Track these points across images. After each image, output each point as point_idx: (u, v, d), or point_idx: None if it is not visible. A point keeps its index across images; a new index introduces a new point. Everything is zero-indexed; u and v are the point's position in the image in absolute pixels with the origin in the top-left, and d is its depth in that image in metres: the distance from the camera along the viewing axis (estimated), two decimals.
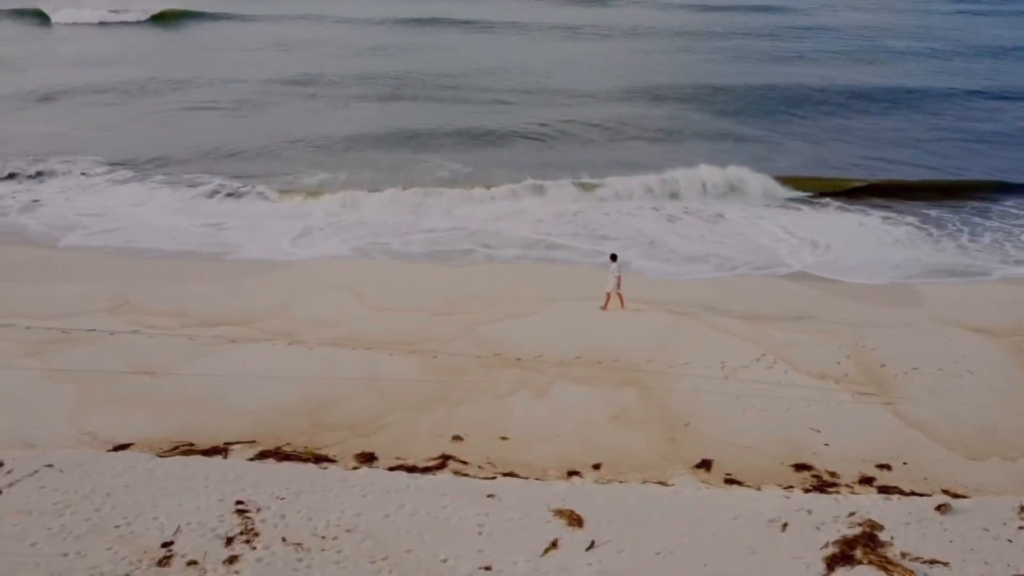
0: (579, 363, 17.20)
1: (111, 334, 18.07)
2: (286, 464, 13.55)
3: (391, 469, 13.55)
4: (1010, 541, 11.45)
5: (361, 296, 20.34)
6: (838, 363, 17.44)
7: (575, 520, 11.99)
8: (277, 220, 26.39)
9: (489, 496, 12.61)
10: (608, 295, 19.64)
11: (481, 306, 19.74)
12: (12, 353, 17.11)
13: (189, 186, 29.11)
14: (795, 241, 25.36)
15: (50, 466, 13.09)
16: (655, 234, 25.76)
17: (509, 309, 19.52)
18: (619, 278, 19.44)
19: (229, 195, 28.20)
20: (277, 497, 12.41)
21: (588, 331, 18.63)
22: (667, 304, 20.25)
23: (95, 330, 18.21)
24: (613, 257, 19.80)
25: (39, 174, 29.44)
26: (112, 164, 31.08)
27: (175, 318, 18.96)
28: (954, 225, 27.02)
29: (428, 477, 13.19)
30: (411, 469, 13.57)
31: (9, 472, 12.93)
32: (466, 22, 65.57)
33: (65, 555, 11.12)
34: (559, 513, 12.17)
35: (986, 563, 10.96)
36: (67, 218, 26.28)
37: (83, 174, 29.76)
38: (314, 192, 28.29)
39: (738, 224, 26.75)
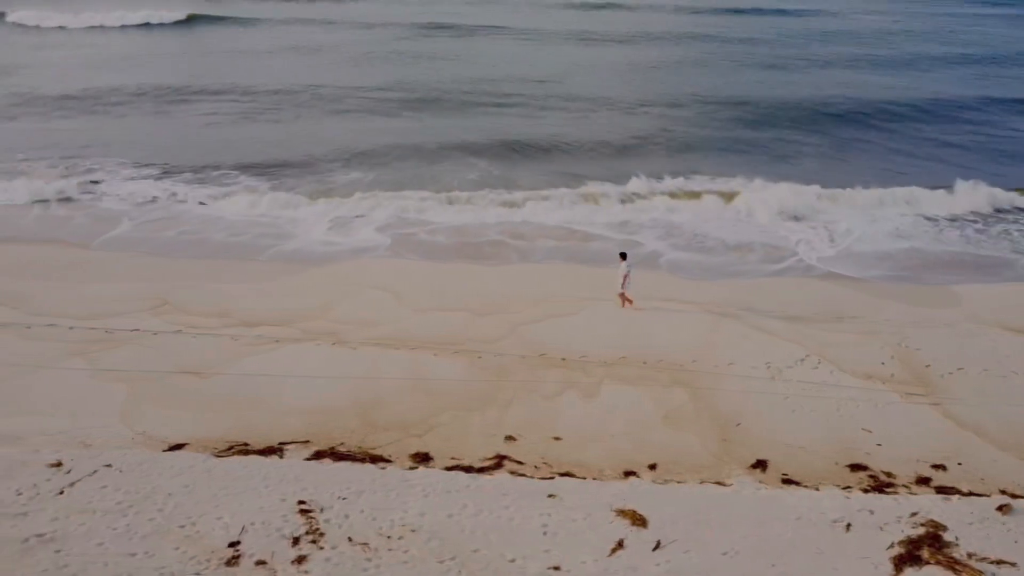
0: (624, 363, 17.19)
1: (154, 334, 18.08)
2: (343, 464, 13.55)
3: (448, 469, 13.54)
4: None
5: (399, 296, 20.33)
6: (882, 363, 17.41)
7: (639, 520, 11.98)
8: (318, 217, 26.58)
9: (550, 496, 12.60)
10: (622, 293, 19.64)
11: (522, 306, 19.73)
12: (58, 353, 17.13)
13: (220, 185, 29.14)
14: None
15: (109, 466, 13.11)
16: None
17: (549, 309, 19.52)
18: (626, 277, 19.34)
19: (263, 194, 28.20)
20: (339, 497, 12.42)
21: (629, 331, 18.62)
22: (705, 304, 20.22)
23: (138, 330, 18.23)
24: (623, 256, 19.76)
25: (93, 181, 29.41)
26: (143, 165, 31.12)
27: (216, 318, 18.96)
28: None
29: (487, 477, 13.18)
30: (467, 469, 13.56)
31: (68, 472, 12.94)
32: (482, 27, 65.47)
33: (133, 555, 11.13)
34: (622, 513, 12.16)
35: None
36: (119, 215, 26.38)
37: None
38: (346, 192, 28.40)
39: None
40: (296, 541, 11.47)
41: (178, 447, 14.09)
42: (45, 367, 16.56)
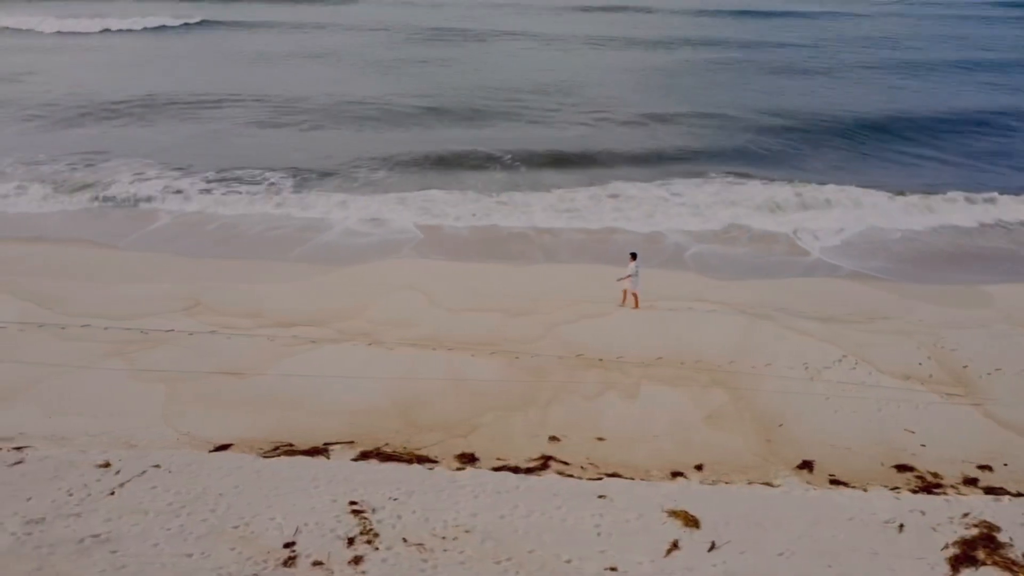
0: (662, 364, 17.17)
1: (190, 334, 18.09)
2: (390, 465, 13.55)
3: (495, 470, 13.54)
4: None
5: (430, 297, 20.33)
6: (919, 364, 17.39)
7: (691, 521, 11.97)
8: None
9: (600, 497, 12.59)
10: (635, 295, 19.73)
11: (554, 307, 19.72)
12: (96, 353, 17.15)
13: (245, 184, 29.18)
14: None
15: (157, 466, 13.13)
16: None
17: (582, 310, 19.52)
18: (630, 277, 19.43)
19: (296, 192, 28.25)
20: (390, 498, 12.42)
21: (664, 332, 18.60)
22: (736, 304, 20.21)
23: (173, 330, 18.24)
24: (633, 256, 19.78)
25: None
26: (166, 167, 31.20)
27: (250, 318, 18.97)
28: None
29: (535, 478, 13.18)
30: (515, 470, 13.56)
31: (117, 473, 12.96)
32: (495, 32, 65.25)
33: (189, 556, 11.14)
34: (674, 514, 12.15)
35: None
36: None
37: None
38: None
39: None
40: (351, 542, 11.47)
41: (224, 448, 14.09)
42: (85, 367, 16.55)
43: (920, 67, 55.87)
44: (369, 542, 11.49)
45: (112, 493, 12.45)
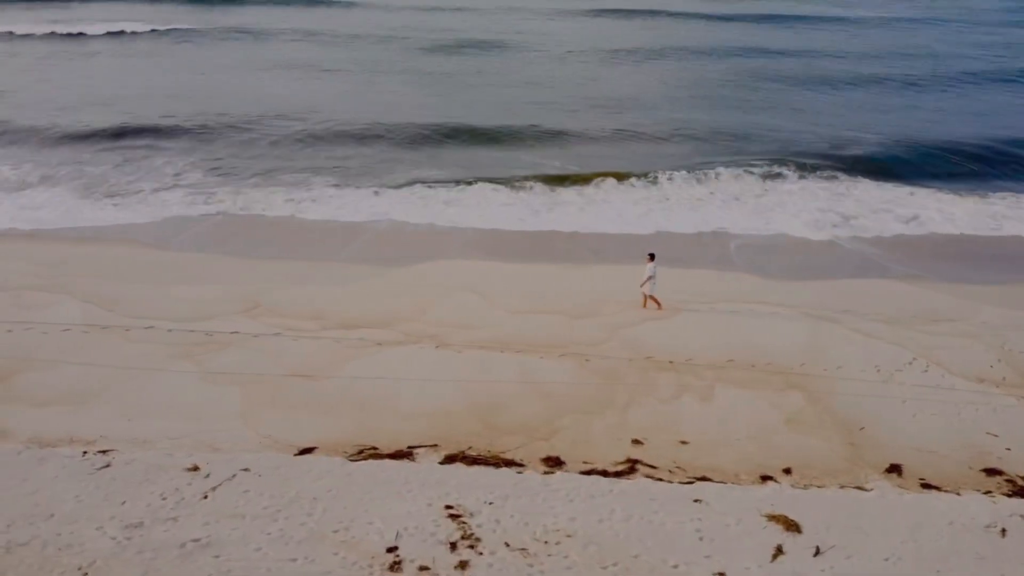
0: (733, 367, 17.09)
1: (255, 336, 18.03)
2: (477, 468, 13.48)
3: (583, 473, 13.46)
4: None
5: (489, 298, 20.26)
6: (991, 366, 17.31)
7: (792, 526, 11.89)
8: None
9: (696, 501, 12.52)
10: (653, 296, 19.64)
11: (615, 309, 19.63)
12: (164, 356, 17.10)
13: (290, 187, 29.15)
14: None
15: (247, 470, 13.07)
16: None
17: (645, 313, 19.41)
18: (651, 278, 19.32)
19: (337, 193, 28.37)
20: (485, 502, 12.35)
21: (728, 334, 18.51)
22: (798, 306, 20.12)
23: (238, 332, 18.18)
24: (651, 256, 19.68)
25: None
26: (211, 168, 31.14)
27: (312, 320, 18.90)
28: None
29: (626, 482, 13.10)
30: (602, 473, 13.48)
31: (208, 476, 12.90)
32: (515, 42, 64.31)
33: (294, 560, 11.08)
34: (773, 518, 12.08)
35: None
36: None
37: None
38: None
39: None
40: (454, 546, 11.41)
41: (308, 451, 14.03)
42: (156, 370, 16.49)
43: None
44: (472, 547, 11.43)
45: (205, 497, 12.40)
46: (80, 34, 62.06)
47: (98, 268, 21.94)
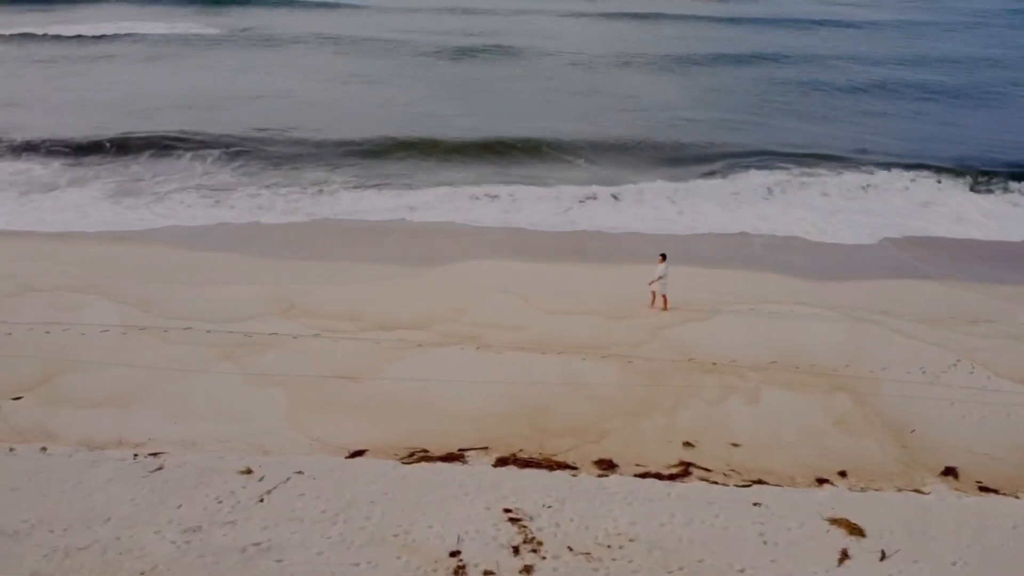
0: (776, 368, 16.99)
1: (294, 338, 17.94)
2: (530, 471, 13.39)
3: (638, 476, 13.37)
4: None
5: (525, 299, 20.16)
6: None
7: (855, 530, 11.80)
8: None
9: (755, 504, 12.43)
10: (664, 296, 19.58)
11: (656, 310, 19.50)
12: (206, 357, 17.01)
13: (312, 186, 29.04)
14: None
15: (300, 473, 12.99)
16: None
17: (685, 314, 19.29)
18: (661, 279, 19.28)
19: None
20: (543, 505, 12.27)
21: (768, 336, 18.41)
22: (835, 307, 20.02)
23: (276, 334, 18.08)
24: (663, 257, 19.61)
25: None
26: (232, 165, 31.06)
27: (349, 321, 18.80)
28: None
29: (683, 485, 13.02)
30: (657, 476, 13.39)
31: (261, 479, 12.82)
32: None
33: (356, 564, 11.01)
34: (835, 522, 11.99)
35: None
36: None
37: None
38: None
39: None
40: (516, 550, 11.32)
41: (359, 453, 13.94)
42: (199, 371, 16.40)
43: None
44: (534, 551, 11.34)
45: (261, 500, 12.32)
46: (102, 36, 61.67)
47: (128, 268, 21.84)
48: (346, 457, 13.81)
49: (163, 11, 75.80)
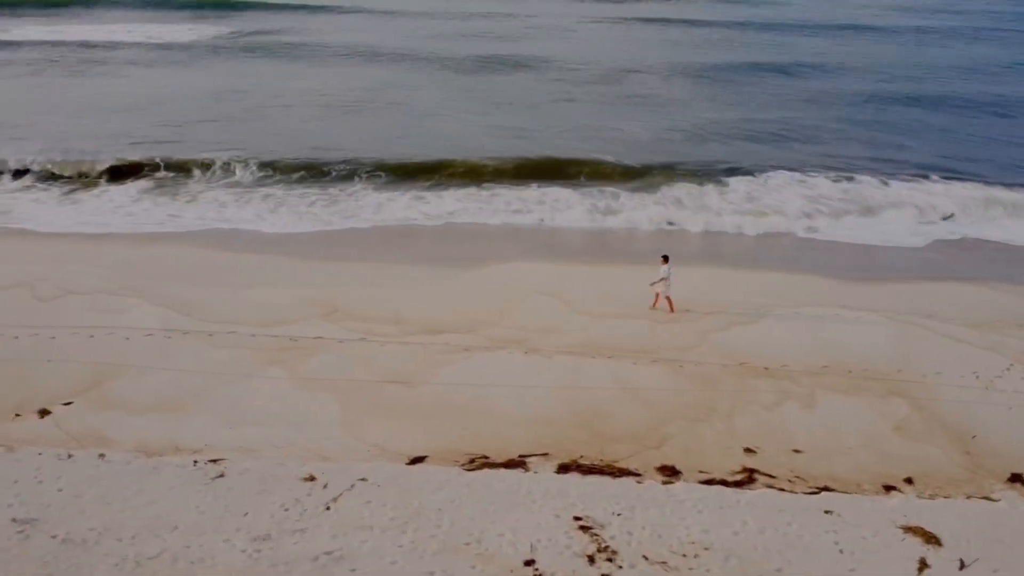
0: (829, 372, 16.86)
1: (340, 342, 17.81)
2: (594, 478, 13.26)
3: (703, 483, 13.24)
4: None
5: (568, 302, 20.04)
6: None
7: (932, 538, 11.67)
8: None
9: (826, 512, 12.29)
10: (668, 298, 19.52)
11: (700, 314, 19.37)
12: (253, 361, 16.89)
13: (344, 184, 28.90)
14: None
15: (364, 480, 12.88)
16: None
17: (731, 317, 19.16)
18: (664, 280, 19.21)
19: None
20: (613, 513, 12.14)
21: (816, 339, 18.29)
22: (880, 310, 19.88)
23: (321, 338, 17.95)
24: (665, 258, 19.51)
25: None
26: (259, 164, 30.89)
27: (393, 325, 18.67)
28: None
29: (752, 492, 12.88)
30: (722, 483, 13.26)
31: (326, 487, 12.70)
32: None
33: (431, 573, 10.91)
34: (909, 530, 11.86)
35: None
36: None
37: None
38: None
39: None
40: (592, 559, 11.20)
41: (419, 460, 13.81)
42: (248, 376, 16.28)
43: None
44: (610, 560, 11.22)
45: (328, 508, 12.20)
46: (138, 43, 61.43)
47: (165, 271, 21.73)
48: (407, 463, 13.69)
49: (168, 15, 75.68)
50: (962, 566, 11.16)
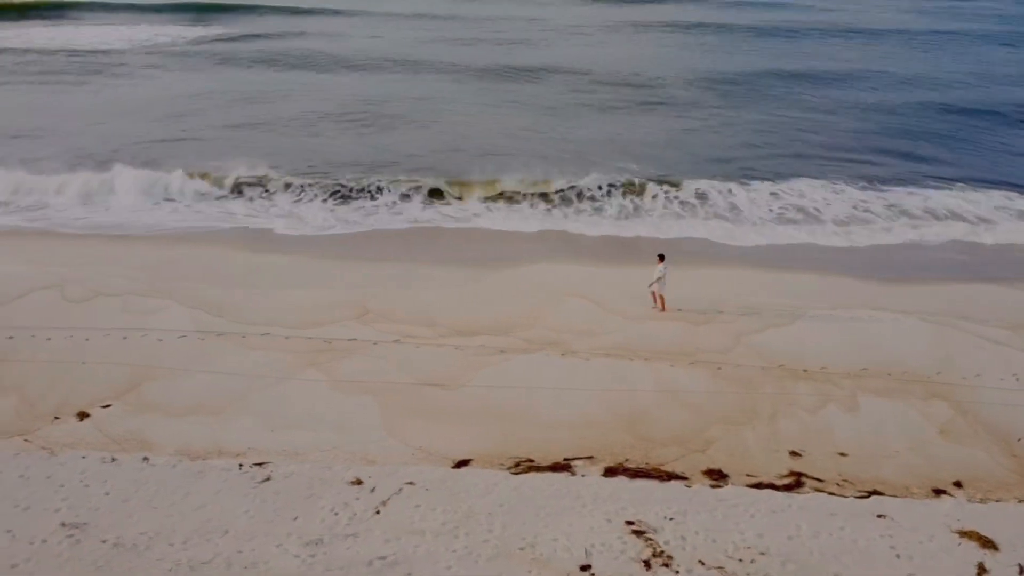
0: (868, 375, 16.76)
1: (374, 344, 17.74)
2: (643, 482, 13.19)
3: (752, 487, 13.15)
4: None
5: (600, 304, 19.94)
6: None
7: (988, 543, 11.59)
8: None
9: (879, 516, 12.21)
10: (661, 297, 19.54)
11: (734, 315, 19.27)
12: (289, 363, 16.82)
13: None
14: None
15: (411, 484, 12.82)
16: None
17: (766, 319, 19.06)
18: (660, 280, 19.24)
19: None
20: (665, 517, 12.06)
21: (853, 341, 18.19)
22: (912, 312, 19.77)
23: (356, 340, 17.88)
24: (661, 258, 19.56)
25: None
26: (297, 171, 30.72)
27: (427, 327, 18.59)
28: None
29: (804, 496, 12.81)
30: (771, 487, 13.17)
31: (373, 491, 12.64)
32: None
33: None
34: (965, 534, 11.77)
35: None
36: None
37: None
38: None
39: None
40: (647, 565, 11.12)
41: (464, 463, 13.73)
42: (286, 378, 16.21)
43: None
44: (666, 565, 11.14)
45: (377, 512, 12.14)
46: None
47: (193, 271, 21.68)
48: (452, 467, 13.61)
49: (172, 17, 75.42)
50: (1021, 571, 11.07)
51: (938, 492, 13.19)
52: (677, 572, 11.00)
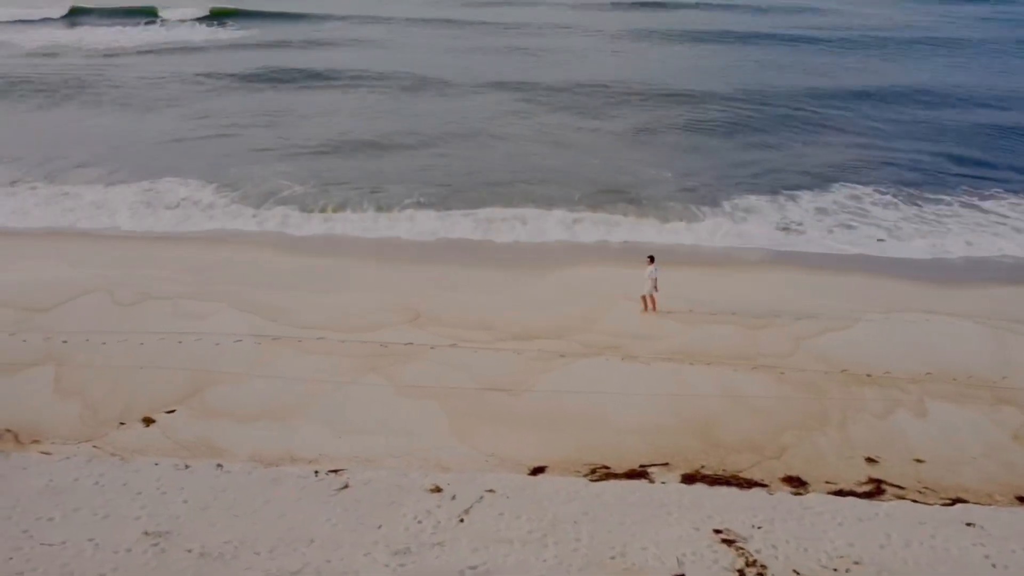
0: (933, 380, 16.62)
1: (431, 348, 17.61)
2: (722, 489, 13.07)
3: (833, 494, 13.03)
4: None
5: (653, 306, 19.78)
6: None
7: None
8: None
9: (968, 524, 12.08)
10: (643, 297, 19.44)
11: (790, 319, 19.12)
12: (349, 368, 16.71)
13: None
14: None
15: (492, 491, 12.72)
16: None
17: (824, 323, 18.90)
18: (654, 280, 19.20)
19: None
20: (753, 526, 11.95)
21: (912, 344, 18.05)
22: (967, 314, 19.63)
23: (412, 344, 17.76)
24: (651, 259, 19.53)
25: None
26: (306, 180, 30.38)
27: (482, 331, 18.46)
28: None
29: (890, 504, 12.70)
30: (852, 494, 13.04)
31: (454, 498, 12.53)
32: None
33: None
34: None
35: None
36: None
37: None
38: None
39: None
40: (742, 574, 10.98)
41: (540, 470, 13.61)
42: (349, 383, 16.11)
43: None
44: (760, 574, 11.00)
45: (461, 520, 12.03)
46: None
47: (242, 274, 21.61)
48: (528, 474, 13.49)
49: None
50: None
51: (1021, 500, 13.04)
52: None
